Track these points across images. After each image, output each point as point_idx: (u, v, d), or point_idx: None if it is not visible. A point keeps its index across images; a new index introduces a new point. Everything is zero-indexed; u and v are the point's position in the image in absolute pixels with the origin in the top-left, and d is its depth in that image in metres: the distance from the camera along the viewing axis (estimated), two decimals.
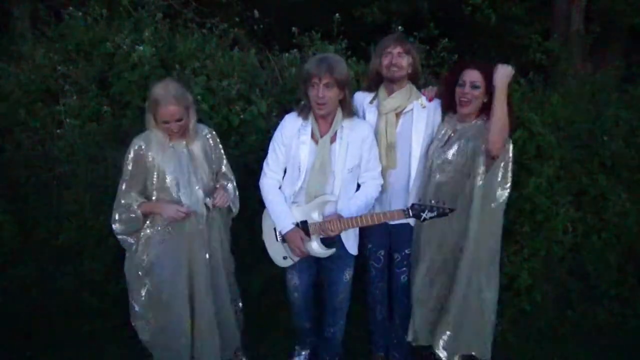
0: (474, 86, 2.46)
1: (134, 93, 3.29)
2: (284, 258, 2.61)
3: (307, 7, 6.59)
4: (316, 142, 2.47)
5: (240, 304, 2.87)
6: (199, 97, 3.21)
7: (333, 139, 2.48)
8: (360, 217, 2.43)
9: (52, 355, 3.00)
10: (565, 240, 3.35)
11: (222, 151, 2.70)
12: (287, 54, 3.79)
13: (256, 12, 4.21)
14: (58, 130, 3.41)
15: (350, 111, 2.50)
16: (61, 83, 3.50)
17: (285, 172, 2.60)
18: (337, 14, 3.83)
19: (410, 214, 2.38)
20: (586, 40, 5.88)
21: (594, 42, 5.86)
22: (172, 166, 2.46)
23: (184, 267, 2.52)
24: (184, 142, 2.51)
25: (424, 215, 2.37)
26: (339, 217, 2.45)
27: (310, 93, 2.39)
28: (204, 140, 2.60)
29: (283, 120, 2.58)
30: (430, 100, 2.67)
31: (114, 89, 3.42)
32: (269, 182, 2.59)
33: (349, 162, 2.48)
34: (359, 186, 2.62)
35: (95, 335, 3.13)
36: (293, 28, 3.83)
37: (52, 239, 3.31)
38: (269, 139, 2.66)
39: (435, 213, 2.36)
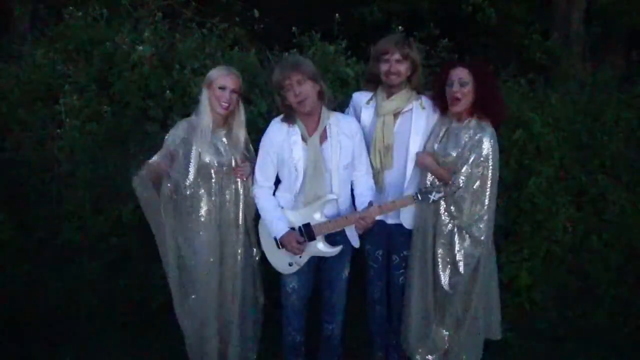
0: (462, 83, 2.46)
1: (134, 93, 3.29)
2: (290, 265, 2.57)
3: (307, 7, 6.59)
4: (306, 142, 2.47)
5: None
6: (198, 97, 3.20)
7: (323, 139, 2.47)
8: (380, 205, 2.47)
9: (52, 355, 3.00)
10: (565, 240, 3.34)
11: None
12: (287, 54, 3.79)
13: (256, 12, 4.20)
14: (58, 130, 3.41)
15: (330, 102, 2.54)
16: (61, 83, 3.50)
17: (278, 178, 2.58)
18: (337, 14, 3.83)
19: (419, 198, 2.43)
20: (586, 40, 5.88)
21: (594, 42, 5.85)
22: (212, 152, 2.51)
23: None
24: (224, 131, 2.59)
25: (432, 197, 2.42)
26: (373, 206, 2.45)
27: (288, 96, 2.40)
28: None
29: (269, 128, 2.56)
30: None
31: (114, 88, 3.41)
32: (262, 190, 2.56)
33: (343, 159, 2.48)
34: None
35: (95, 335, 3.13)
36: (293, 28, 3.82)
37: (52, 239, 3.31)
38: None
39: (442, 193, 2.42)
